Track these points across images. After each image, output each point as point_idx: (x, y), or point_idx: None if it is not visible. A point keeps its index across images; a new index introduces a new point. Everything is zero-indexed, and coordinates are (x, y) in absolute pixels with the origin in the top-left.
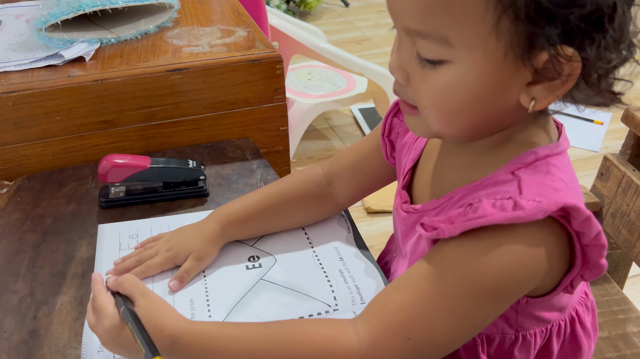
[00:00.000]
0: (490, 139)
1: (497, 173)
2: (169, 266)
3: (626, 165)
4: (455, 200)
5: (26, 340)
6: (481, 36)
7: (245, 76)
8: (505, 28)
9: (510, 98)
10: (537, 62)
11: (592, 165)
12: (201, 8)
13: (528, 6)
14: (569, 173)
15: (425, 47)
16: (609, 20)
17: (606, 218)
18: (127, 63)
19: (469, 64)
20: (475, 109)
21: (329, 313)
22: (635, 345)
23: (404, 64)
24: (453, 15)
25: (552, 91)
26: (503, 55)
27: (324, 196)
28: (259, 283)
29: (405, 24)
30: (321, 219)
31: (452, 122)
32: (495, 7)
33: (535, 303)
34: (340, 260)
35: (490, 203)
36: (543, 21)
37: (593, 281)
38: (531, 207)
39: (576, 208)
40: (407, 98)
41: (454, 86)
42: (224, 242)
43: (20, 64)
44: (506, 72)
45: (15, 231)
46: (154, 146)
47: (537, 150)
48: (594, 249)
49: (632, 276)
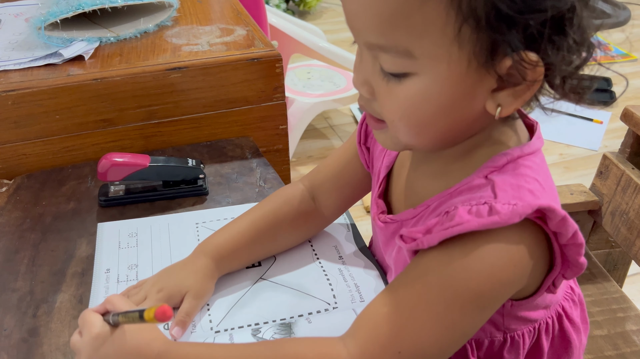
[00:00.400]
0: (461, 145)
1: (471, 178)
2: None
3: (625, 163)
4: (432, 208)
5: (26, 338)
6: (443, 46)
7: (244, 75)
8: (467, 37)
9: (477, 106)
10: (501, 69)
11: (591, 164)
12: (200, 7)
13: (488, 14)
14: (543, 173)
15: (388, 61)
16: (569, 24)
17: (605, 217)
18: (126, 62)
19: (433, 75)
20: (443, 119)
21: (328, 311)
22: (634, 343)
23: (368, 79)
24: (413, 28)
25: (517, 96)
26: (467, 63)
27: (311, 213)
28: (259, 282)
29: (366, 38)
30: (311, 237)
31: (421, 133)
32: (455, 17)
33: (520, 305)
34: (340, 258)
35: (466, 209)
36: (504, 28)
37: (592, 280)
38: (507, 211)
39: (551, 209)
40: (374, 113)
41: (419, 98)
42: (219, 276)
43: (20, 63)
44: (471, 81)
45: (15, 230)
46: (153, 145)
47: (508, 152)
48: (572, 248)
49: (631, 275)
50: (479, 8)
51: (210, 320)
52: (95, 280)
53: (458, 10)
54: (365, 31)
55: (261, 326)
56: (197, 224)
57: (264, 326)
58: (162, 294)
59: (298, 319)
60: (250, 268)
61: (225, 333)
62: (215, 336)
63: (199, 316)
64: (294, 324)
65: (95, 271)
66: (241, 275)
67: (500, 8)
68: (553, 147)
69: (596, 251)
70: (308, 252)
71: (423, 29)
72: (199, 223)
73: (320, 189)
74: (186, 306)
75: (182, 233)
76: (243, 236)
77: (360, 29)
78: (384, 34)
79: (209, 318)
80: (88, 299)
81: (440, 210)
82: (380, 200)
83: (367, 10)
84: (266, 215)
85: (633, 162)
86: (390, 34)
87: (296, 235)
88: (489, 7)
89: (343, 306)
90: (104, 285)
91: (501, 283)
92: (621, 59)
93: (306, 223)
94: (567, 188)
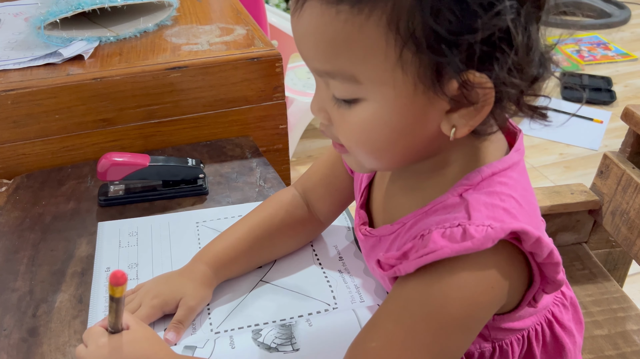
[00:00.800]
0: (432, 161)
1: (445, 196)
2: (157, 316)
3: (626, 163)
4: (408, 226)
5: (26, 338)
6: (387, 70)
7: (244, 74)
8: (409, 60)
9: (431, 128)
10: (449, 91)
11: (592, 164)
12: (200, 6)
13: (428, 36)
14: (520, 187)
15: (336, 87)
16: (507, 42)
17: (606, 216)
18: (126, 61)
19: (381, 99)
20: (398, 142)
21: (328, 311)
22: (635, 343)
23: (323, 105)
24: (356, 53)
25: (470, 117)
26: (413, 87)
27: (307, 218)
28: (259, 285)
29: (313, 66)
30: (308, 242)
31: (379, 157)
32: (395, 41)
33: (503, 319)
34: (340, 259)
35: (440, 233)
36: (444, 50)
37: (592, 279)
38: (479, 236)
39: (524, 232)
40: (334, 138)
41: (371, 123)
42: (217, 284)
43: (19, 62)
44: (420, 103)
45: (15, 230)
46: (153, 144)
47: (483, 169)
48: (549, 266)
49: (632, 274)
50: (417, 31)
51: (211, 322)
52: (96, 279)
53: (397, 34)
54: (312, 58)
55: (261, 327)
56: (197, 223)
57: (264, 327)
58: (157, 300)
59: (298, 320)
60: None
61: (226, 334)
62: (215, 337)
63: (200, 318)
64: (294, 325)
65: (96, 269)
66: (242, 278)
67: (437, 30)
68: (553, 147)
69: (597, 251)
70: (308, 253)
71: (365, 54)
72: (199, 222)
73: (312, 195)
74: (180, 314)
75: (182, 232)
76: (241, 244)
77: (307, 56)
78: (328, 61)
79: (209, 320)
80: (88, 299)
81: (416, 230)
82: (362, 211)
83: (310, 38)
84: (263, 220)
85: (633, 162)
86: (334, 60)
87: (293, 240)
88: (427, 30)
89: (343, 307)
90: (104, 283)
91: (482, 306)
92: (621, 58)
93: (303, 228)
94: (568, 188)
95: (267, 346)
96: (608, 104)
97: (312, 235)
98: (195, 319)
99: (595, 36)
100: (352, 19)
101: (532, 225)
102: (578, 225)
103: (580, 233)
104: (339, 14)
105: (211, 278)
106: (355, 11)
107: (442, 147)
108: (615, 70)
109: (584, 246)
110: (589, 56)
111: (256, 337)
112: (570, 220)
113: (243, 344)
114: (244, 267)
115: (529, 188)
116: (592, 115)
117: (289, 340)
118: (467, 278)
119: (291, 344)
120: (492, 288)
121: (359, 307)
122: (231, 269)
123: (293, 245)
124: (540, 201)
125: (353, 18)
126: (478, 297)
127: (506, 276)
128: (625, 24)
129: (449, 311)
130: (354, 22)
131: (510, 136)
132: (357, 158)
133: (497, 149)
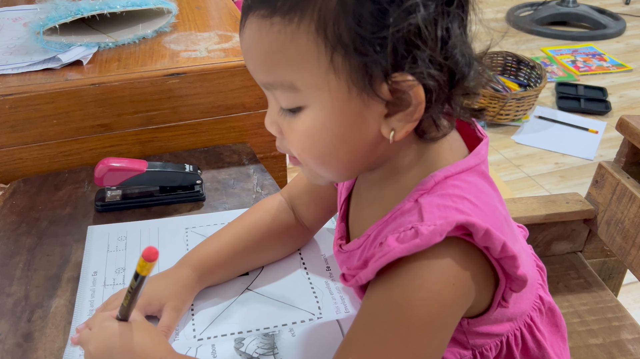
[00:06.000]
0: (385, 169)
1: (402, 203)
2: (138, 316)
3: (620, 172)
4: (372, 237)
5: (20, 343)
6: (321, 76)
7: (242, 81)
8: (340, 64)
9: (371, 132)
10: (382, 94)
11: (587, 173)
12: (199, 13)
13: (354, 39)
14: (477, 191)
15: (280, 97)
16: (421, 38)
17: (601, 226)
18: (124, 67)
19: (319, 105)
20: (341, 147)
21: (312, 321)
22: (629, 352)
23: (275, 118)
24: (291, 61)
25: (407, 120)
26: (347, 90)
27: (293, 225)
28: (245, 293)
29: (258, 78)
30: (295, 249)
31: (326, 164)
32: (325, 46)
33: (477, 322)
34: (327, 269)
35: (395, 237)
36: (369, 51)
37: (587, 288)
38: (427, 233)
39: (471, 224)
40: (287, 151)
41: (314, 129)
42: (200, 289)
43: (18, 67)
44: (356, 107)
45: (11, 234)
46: (150, 150)
47: (435, 174)
48: (507, 261)
49: (627, 284)
50: (344, 35)
51: (194, 329)
52: (82, 283)
53: (326, 40)
54: (255, 71)
55: (245, 335)
56: (186, 229)
57: (247, 336)
58: (140, 300)
59: (282, 329)
60: (237, 277)
61: (208, 341)
62: (197, 345)
63: (182, 324)
64: (277, 335)
65: (83, 273)
66: (228, 284)
67: (360, 33)
68: (549, 156)
69: (591, 260)
70: (296, 261)
71: (300, 62)
72: (189, 228)
73: (298, 202)
74: (166, 320)
75: (171, 237)
76: (226, 249)
77: (252, 69)
78: (269, 71)
79: (192, 326)
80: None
81: (379, 240)
82: (342, 224)
83: (251, 51)
84: (249, 226)
85: (628, 172)
86: (274, 71)
87: (280, 247)
88: (352, 33)
89: (328, 316)
90: (90, 287)
91: (446, 304)
92: (616, 69)
93: (289, 234)
94: (563, 197)
95: (249, 356)
96: (603, 114)
97: (299, 241)
98: (179, 325)
99: (591, 47)
100: (285, 29)
101: (490, 224)
102: (573, 234)
103: (576, 242)
104: (273, 26)
105: (194, 282)
106: (286, 21)
107: (390, 153)
108: (611, 81)
109: (579, 255)
110: (584, 67)
111: (238, 346)
112: (566, 229)
113: (225, 353)
114: (229, 272)
115: (487, 192)
116: (587, 125)
117: (271, 350)
118: (424, 277)
119: (273, 354)
120: (452, 285)
121: (343, 317)
122: (216, 273)
123: (280, 252)
124: (536, 210)
125: (285, 28)
126: (438, 295)
127: (464, 272)
128: (620, 35)
129: (413, 313)
130: (287, 32)
131: (477, 142)
132: (310, 168)
133: (453, 154)
